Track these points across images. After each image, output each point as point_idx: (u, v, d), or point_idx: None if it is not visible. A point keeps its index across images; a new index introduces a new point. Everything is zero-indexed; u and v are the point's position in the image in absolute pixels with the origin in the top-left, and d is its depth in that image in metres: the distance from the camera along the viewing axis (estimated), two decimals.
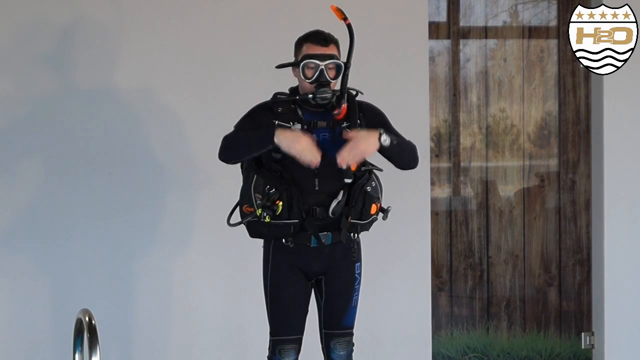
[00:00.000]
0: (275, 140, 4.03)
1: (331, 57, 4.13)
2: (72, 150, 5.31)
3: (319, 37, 4.16)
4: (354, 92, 4.27)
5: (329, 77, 4.12)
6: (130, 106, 5.35)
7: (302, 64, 4.14)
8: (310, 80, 4.13)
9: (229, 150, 4.15)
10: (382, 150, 4.12)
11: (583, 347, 6.06)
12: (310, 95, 4.12)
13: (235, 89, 5.38)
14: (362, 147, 4.06)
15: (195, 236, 5.43)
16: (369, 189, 4.20)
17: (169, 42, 5.38)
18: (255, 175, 4.16)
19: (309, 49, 4.15)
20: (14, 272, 5.29)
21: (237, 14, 5.46)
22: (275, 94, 4.23)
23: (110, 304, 5.32)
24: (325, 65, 4.11)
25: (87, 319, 3.54)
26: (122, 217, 5.35)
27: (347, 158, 4.06)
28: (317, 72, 4.11)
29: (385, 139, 4.08)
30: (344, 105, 4.15)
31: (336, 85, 4.20)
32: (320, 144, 4.13)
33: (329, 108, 4.17)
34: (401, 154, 4.20)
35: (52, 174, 5.30)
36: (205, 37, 5.42)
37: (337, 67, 4.15)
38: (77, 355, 3.61)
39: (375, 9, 5.57)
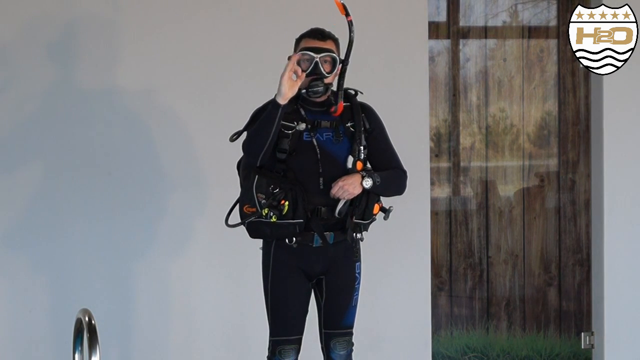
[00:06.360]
0: (277, 97, 4.05)
1: (327, 50, 4.15)
2: (72, 150, 5.31)
3: (317, 32, 4.21)
4: (353, 92, 4.29)
5: (324, 70, 4.15)
6: (131, 106, 5.35)
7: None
8: (305, 73, 4.14)
9: (250, 147, 4.15)
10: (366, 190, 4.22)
11: (583, 347, 6.06)
12: (304, 90, 4.14)
13: (236, 89, 5.38)
14: (350, 189, 4.15)
15: (195, 236, 5.43)
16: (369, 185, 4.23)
17: (170, 42, 5.38)
18: (257, 175, 4.16)
19: (306, 42, 4.19)
20: (14, 272, 5.29)
21: (238, 15, 5.46)
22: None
23: (110, 304, 5.32)
24: (320, 58, 4.14)
25: (87, 319, 3.54)
26: (122, 217, 5.35)
27: (337, 195, 4.15)
28: (312, 65, 4.14)
29: (367, 182, 4.18)
30: (341, 103, 4.18)
31: (333, 80, 4.21)
32: (324, 144, 4.19)
33: (327, 105, 4.19)
34: (384, 192, 4.29)
35: (52, 173, 5.30)
36: (206, 37, 5.42)
37: (333, 61, 4.17)
38: (77, 355, 3.61)
39: (375, 9, 5.57)
